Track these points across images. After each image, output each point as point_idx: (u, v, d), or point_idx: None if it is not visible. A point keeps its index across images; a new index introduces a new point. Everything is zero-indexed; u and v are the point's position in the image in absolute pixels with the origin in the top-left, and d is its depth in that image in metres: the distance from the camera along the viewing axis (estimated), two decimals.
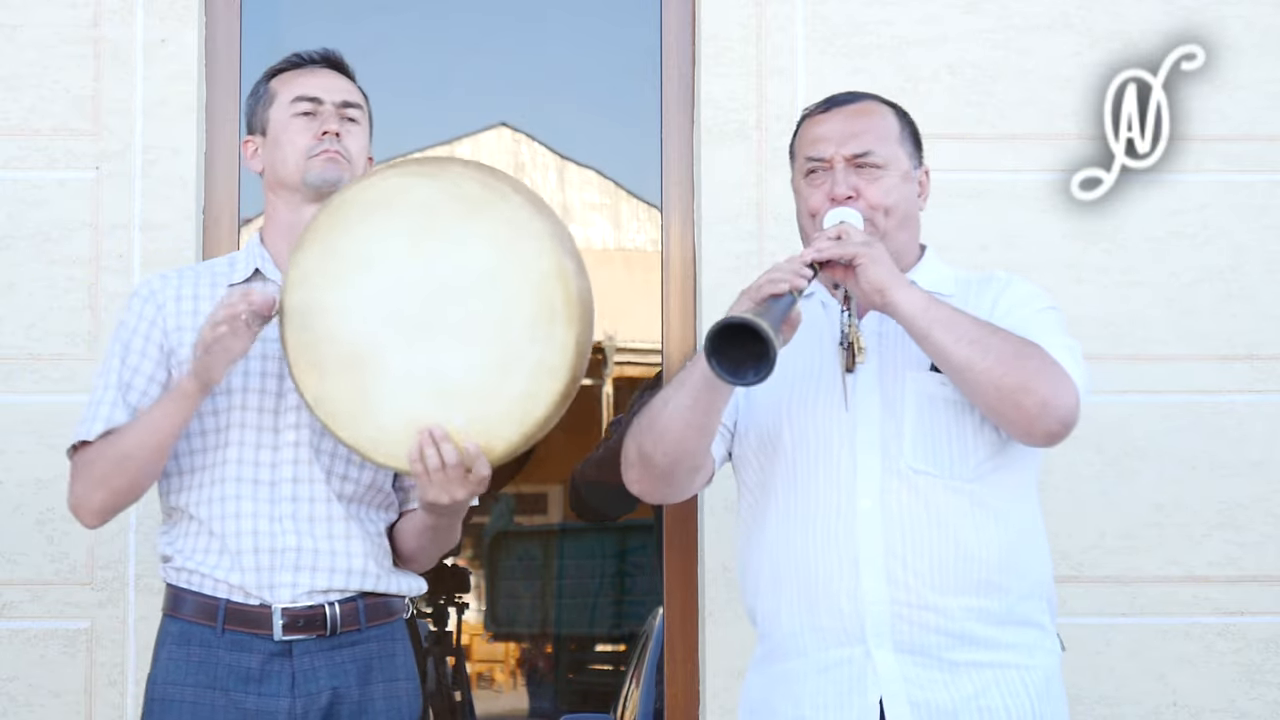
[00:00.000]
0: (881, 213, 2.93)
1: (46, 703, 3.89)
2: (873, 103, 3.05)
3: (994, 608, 2.85)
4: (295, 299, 2.87)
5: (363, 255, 2.85)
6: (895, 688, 2.82)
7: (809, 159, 2.98)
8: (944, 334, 2.77)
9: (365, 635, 3.04)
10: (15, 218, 3.97)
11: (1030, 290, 2.97)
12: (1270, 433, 4.03)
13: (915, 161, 3.02)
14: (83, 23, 4.02)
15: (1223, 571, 4.00)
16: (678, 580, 4.07)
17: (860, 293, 2.82)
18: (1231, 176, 4.08)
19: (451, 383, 2.83)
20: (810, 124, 3.02)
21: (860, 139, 2.95)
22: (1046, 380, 2.76)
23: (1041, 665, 2.90)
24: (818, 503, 2.88)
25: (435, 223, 2.83)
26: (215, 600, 3.00)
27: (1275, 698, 3.98)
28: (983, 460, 2.87)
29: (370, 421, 2.86)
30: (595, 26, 5.48)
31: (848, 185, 2.93)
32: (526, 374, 2.81)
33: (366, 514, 3.07)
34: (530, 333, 2.80)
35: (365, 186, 2.87)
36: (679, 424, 2.88)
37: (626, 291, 7.13)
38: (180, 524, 3.05)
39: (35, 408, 3.93)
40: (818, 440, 2.90)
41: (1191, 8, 4.11)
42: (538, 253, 2.80)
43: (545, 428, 2.85)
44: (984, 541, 2.85)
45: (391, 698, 3.07)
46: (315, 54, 3.15)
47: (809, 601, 2.88)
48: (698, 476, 3.00)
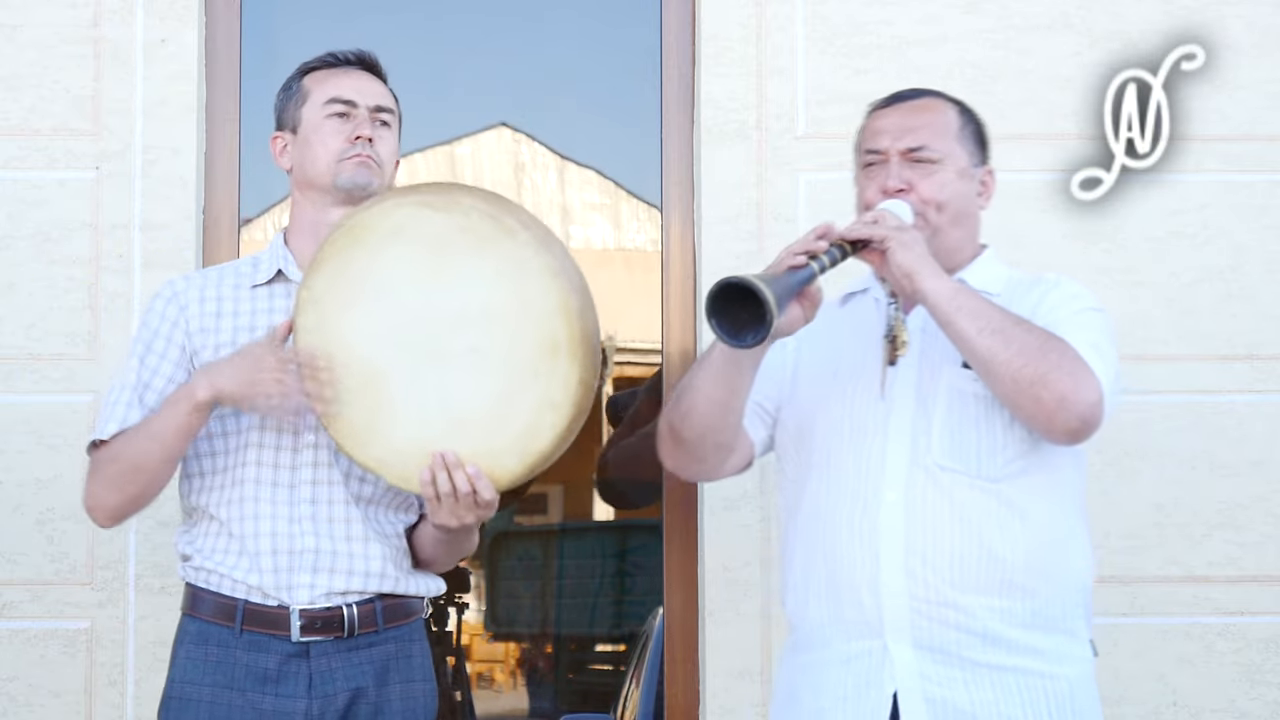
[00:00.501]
0: (933, 207, 2.92)
1: (46, 703, 3.89)
2: (935, 99, 3.04)
3: (1018, 609, 2.83)
4: (307, 319, 2.89)
5: (372, 283, 2.87)
6: (911, 683, 2.81)
7: (867, 151, 2.99)
8: (968, 323, 2.75)
9: (383, 636, 3.05)
10: (15, 218, 3.97)
11: (1075, 291, 2.95)
12: (1270, 433, 4.03)
13: (976, 160, 3.00)
14: (83, 23, 4.02)
15: (1223, 571, 4.00)
16: (678, 580, 4.07)
17: (891, 278, 2.82)
18: (1231, 176, 4.08)
19: (458, 411, 2.85)
20: (872, 118, 3.03)
21: (916, 133, 2.95)
22: (1067, 375, 2.74)
23: (1067, 674, 2.87)
24: (845, 494, 2.88)
25: (443, 257, 2.85)
26: (234, 600, 3.01)
27: (1275, 698, 3.98)
28: (1011, 459, 2.85)
29: (380, 443, 2.89)
30: (595, 26, 5.48)
31: (901, 179, 2.92)
32: (530, 408, 2.83)
33: (385, 516, 3.08)
34: (534, 368, 2.82)
35: (378, 214, 2.88)
36: (703, 400, 2.90)
37: (626, 291, 7.13)
38: (200, 524, 3.06)
39: (35, 408, 3.93)
40: (851, 431, 2.90)
41: (1191, 8, 4.11)
42: (542, 291, 2.82)
43: (549, 460, 2.89)
44: (1009, 542, 2.83)
45: (408, 699, 3.08)
46: (350, 54, 3.15)
47: (833, 592, 2.88)
48: (731, 457, 3.00)
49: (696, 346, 4.06)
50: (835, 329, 3.01)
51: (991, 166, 3.04)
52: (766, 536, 3.97)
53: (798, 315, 2.81)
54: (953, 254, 2.94)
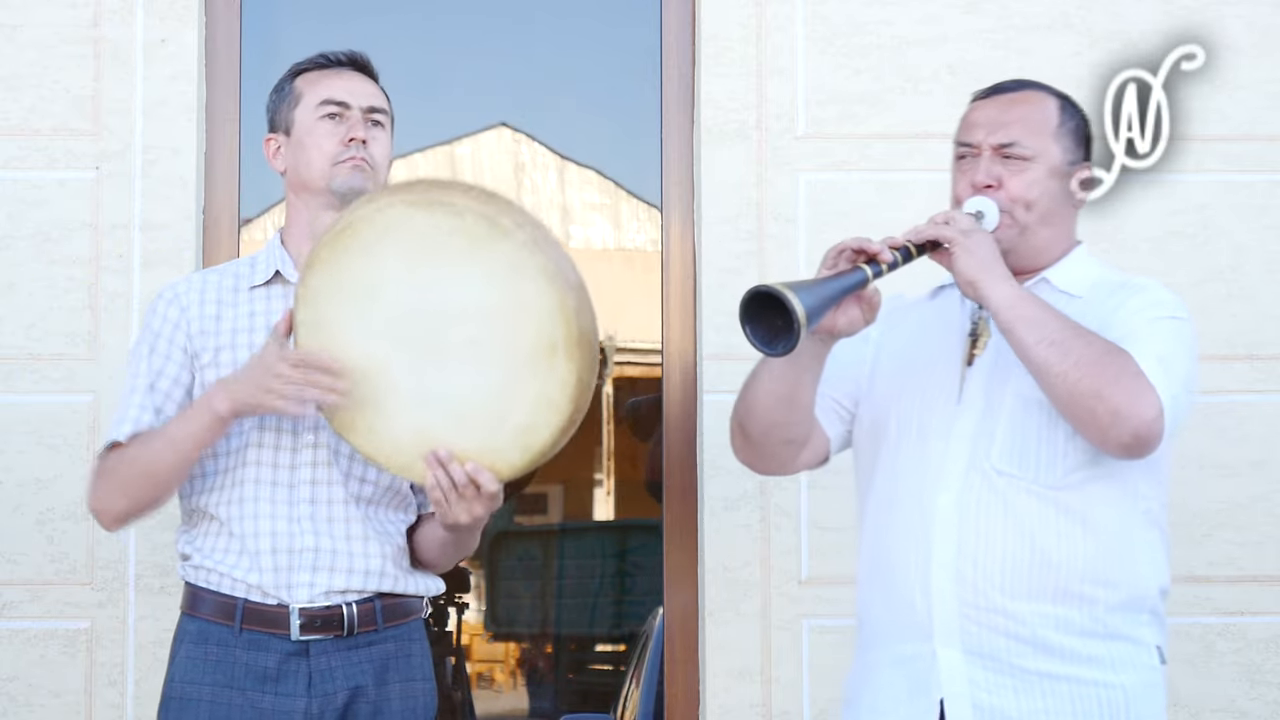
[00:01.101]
0: (1021, 205, 2.87)
1: (46, 703, 3.89)
2: (1035, 92, 2.97)
3: (1076, 618, 2.78)
4: (305, 314, 2.89)
5: (367, 283, 2.87)
6: (959, 689, 2.78)
7: (959, 144, 2.94)
8: (1027, 332, 2.71)
9: (382, 635, 3.05)
10: (15, 218, 3.97)
11: (1157, 299, 2.87)
12: (1270, 433, 4.03)
13: (1074, 157, 2.93)
14: (83, 23, 4.02)
15: (1223, 571, 4.00)
16: (678, 580, 4.07)
17: (958, 283, 2.79)
18: (1231, 176, 4.08)
19: (458, 404, 2.85)
20: (970, 109, 2.97)
21: (1009, 129, 2.89)
22: (1123, 389, 2.68)
23: (1125, 683, 2.80)
24: (906, 493, 2.85)
25: (437, 257, 2.85)
26: (233, 600, 3.01)
27: (1275, 698, 3.98)
28: (1074, 468, 2.79)
29: (382, 436, 2.89)
30: (595, 27, 5.48)
31: (990, 174, 2.88)
32: (528, 406, 2.83)
33: (384, 515, 3.08)
34: (531, 367, 2.82)
35: (371, 211, 2.88)
36: (764, 396, 2.89)
37: (626, 291, 7.13)
38: (200, 524, 3.07)
39: (35, 408, 3.93)
40: (919, 430, 2.87)
41: (1191, 8, 4.11)
42: (538, 292, 2.81)
43: (549, 454, 2.88)
44: (1067, 549, 2.78)
45: (408, 698, 3.07)
46: (342, 55, 3.14)
47: (889, 593, 2.86)
48: (803, 452, 2.98)
49: (696, 346, 4.06)
50: (920, 323, 2.97)
51: (1090, 163, 2.96)
52: (766, 536, 3.97)
53: (857, 317, 2.79)
54: (1040, 253, 2.89)
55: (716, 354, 4.00)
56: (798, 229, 4.01)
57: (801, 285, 2.67)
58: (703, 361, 4.01)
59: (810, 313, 2.65)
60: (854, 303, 2.78)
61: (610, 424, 9.46)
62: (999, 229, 2.86)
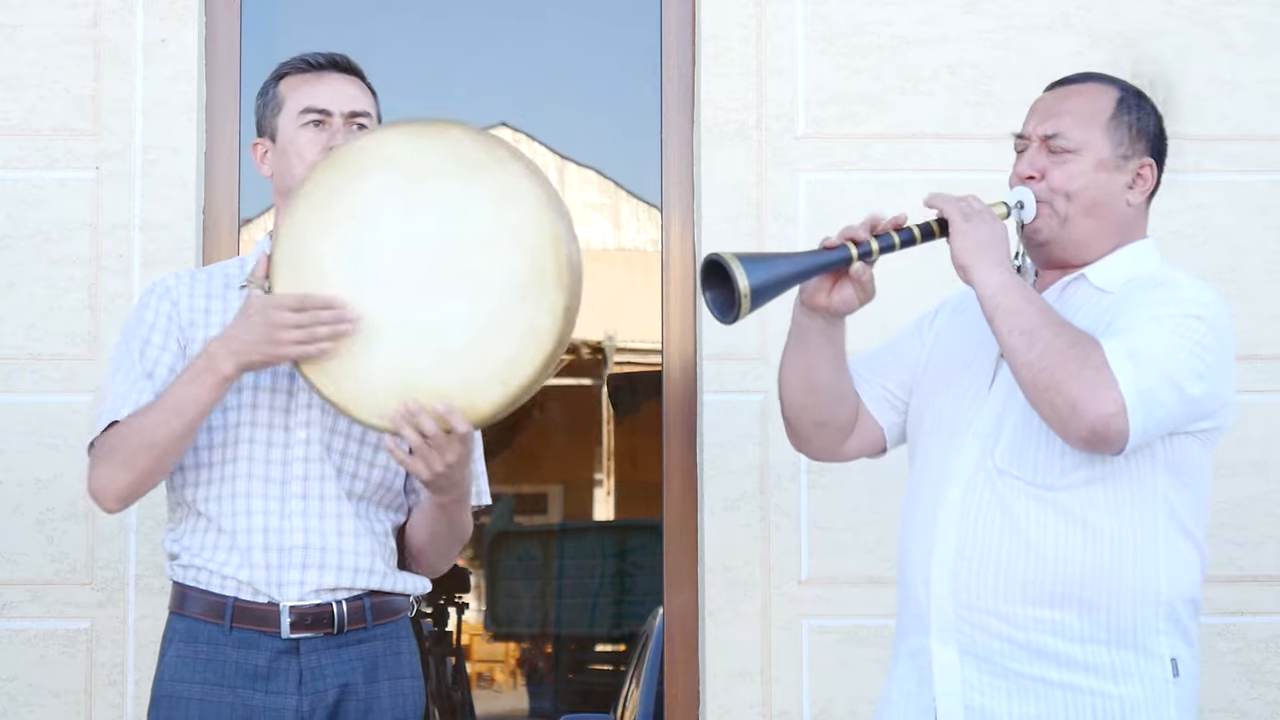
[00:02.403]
0: (1062, 196, 2.84)
1: (46, 703, 3.89)
2: (1095, 85, 2.92)
3: (1075, 623, 2.73)
4: (285, 251, 2.88)
5: (355, 209, 2.86)
6: (952, 688, 2.77)
7: (1016, 135, 2.94)
8: (1002, 320, 2.70)
9: (372, 633, 3.05)
10: (15, 218, 3.97)
11: (1177, 296, 2.81)
12: (1270, 433, 4.03)
13: (1128, 150, 2.87)
14: (83, 23, 4.02)
15: (1223, 571, 3.99)
16: (678, 580, 4.07)
17: (953, 265, 2.78)
18: (1231, 176, 4.08)
19: (440, 342, 2.84)
20: (1035, 100, 2.96)
21: (1057, 120, 2.87)
22: (1082, 383, 2.64)
23: (1126, 695, 2.73)
24: (925, 488, 2.85)
25: (431, 183, 2.85)
26: (223, 598, 3.00)
27: (1275, 698, 3.98)
28: (1071, 469, 2.75)
29: (354, 378, 2.86)
30: (595, 27, 5.48)
31: (1033, 165, 2.86)
32: (515, 335, 2.82)
33: (375, 513, 3.08)
34: (521, 294, 2.82)
35: (364, 143, 2.89)
36: (786, 379, 2.93)
37: (626, 291, 7.15)
38: (187, 520, 3.06)
39: (35, 408, 3.93)
40: (947, 425, 2.86)
41: (1191, 8, 4.11)
42: (531, 218, 2.82)
43: (531, 390, 2.87)
44: (1066, 553, 2.73)
45: (397, 695, 3.08)
46: (323, 58, 3.14)
47: (904, 586, 2.87)
48: (849, 439, 2.98)
49: (696, 346, 4.06)
50: (973, 317, 2.91)
51: (1153, 160, 2.90)
52: (766, 536, 3.97)
53: (850, 296, 2.79)
54: (1083, 246, 2.86)
55: (716, 354, 4.00)
56: (798, 229, 4.01)
57: (759, 258, 2.70)
58: (703, 361, 4.01)
59: (757, 288, 2.66)
60: (847, 282, 2.78)
61: (610, 424, 9.48)
62: (1038, 219, 2.83)
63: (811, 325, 2.85)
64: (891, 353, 3.00)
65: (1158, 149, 2.92)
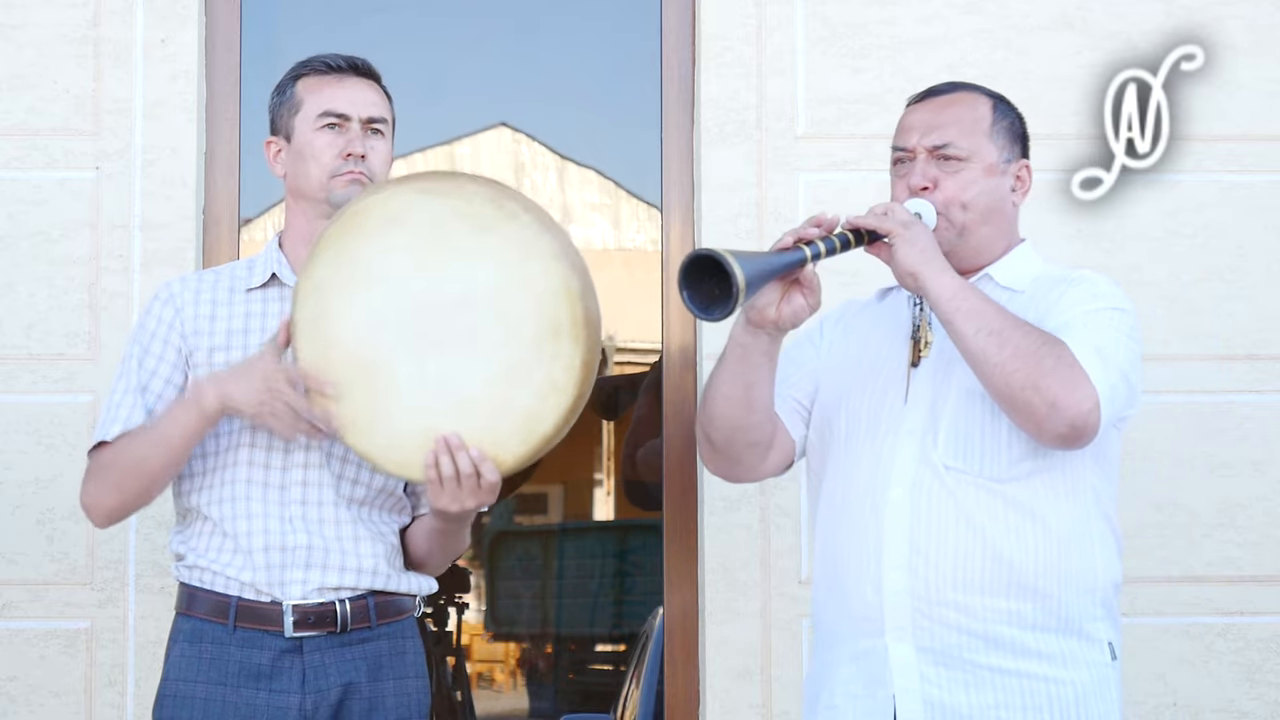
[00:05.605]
0: (958, 206, 2.89)
1: (46, 703, 3.89)
2: (968, 93, 2.99)
3: (1029, 612, 2.80)
4: (306, 311, 2.89)
5: (372, 269, 2.88)
6: (910, 684, 2.80)
7: (894, 148, 2.97)
8: (965, 323, 2.73)
9: (376, 633, 3.06)
10: (15, 218, 3.97)
11: (1096, 290, 2.87)
12: (1270, 433, 4.03)
13: (1010, 155, 2.94)
14: (83, 23, 4.02)
15: (1223, 571, 4.00)
16: (678, 580, 4.07)
17: (897, 275, 2.80)
18: (1231, 176, 4.08)
19: (461, 395, 2.86)
20: (905, 113, 3.00)
21: (943, 130, 2.91)
22: (1059, 380, 2.70)
23: (1077, 680, 2.82)
24: (857, 491, 2.87)
25: (445, 240, 2.86)
26: (227, 598, 3.02)
27: (1275, 698, 3.98)
28: (1017, 460, 2.81)
29: (382, 429, 2.88)
30: (595, 27, 5.48)
31: (926, 176, 2.90)
32: (533, 391, 2.83)
33: (377, 517, 3.09)
34: (536, 350, 2.82)
35: (377, 201, 2.88)
36: (722, 400, 2.91)
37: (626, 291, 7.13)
38: (194, 524, 3.07)
39: (35, 408, 3.93)
40: (868, 428, 2.89)
41: (1191, 8, 4.11)
42: (544, 272, 2.82)
43: (551, 443, 2.89)
44: (1019, 543, 2.80)
45: (401, 695, 3.08)
46: (342, 61, 3.14)
47: (843, 590, 2.87)
48: (770, 455, 2.98)
49: (696, 346, 4.06)
50: (868, 323, 3.00)
51: (1028, 161, 2.98)
52: (766, 536, 3.97)
53: (801, 305, 2.81)
54: (980, 252, 2.91)
55: (716, 354, 3.97)
56: None
57: (740, 253, 2.69)
58: (703, 362, 4.01)
59: (750, 280, 2.66)
60: (797, 290, 2.80)
61: (610, 424, 9.47)
62: (936, 231, 2.88)
63: (755, 344, 2.86)
64: (792, 365, 3.00)
65: (1027, 149, 2.99)
